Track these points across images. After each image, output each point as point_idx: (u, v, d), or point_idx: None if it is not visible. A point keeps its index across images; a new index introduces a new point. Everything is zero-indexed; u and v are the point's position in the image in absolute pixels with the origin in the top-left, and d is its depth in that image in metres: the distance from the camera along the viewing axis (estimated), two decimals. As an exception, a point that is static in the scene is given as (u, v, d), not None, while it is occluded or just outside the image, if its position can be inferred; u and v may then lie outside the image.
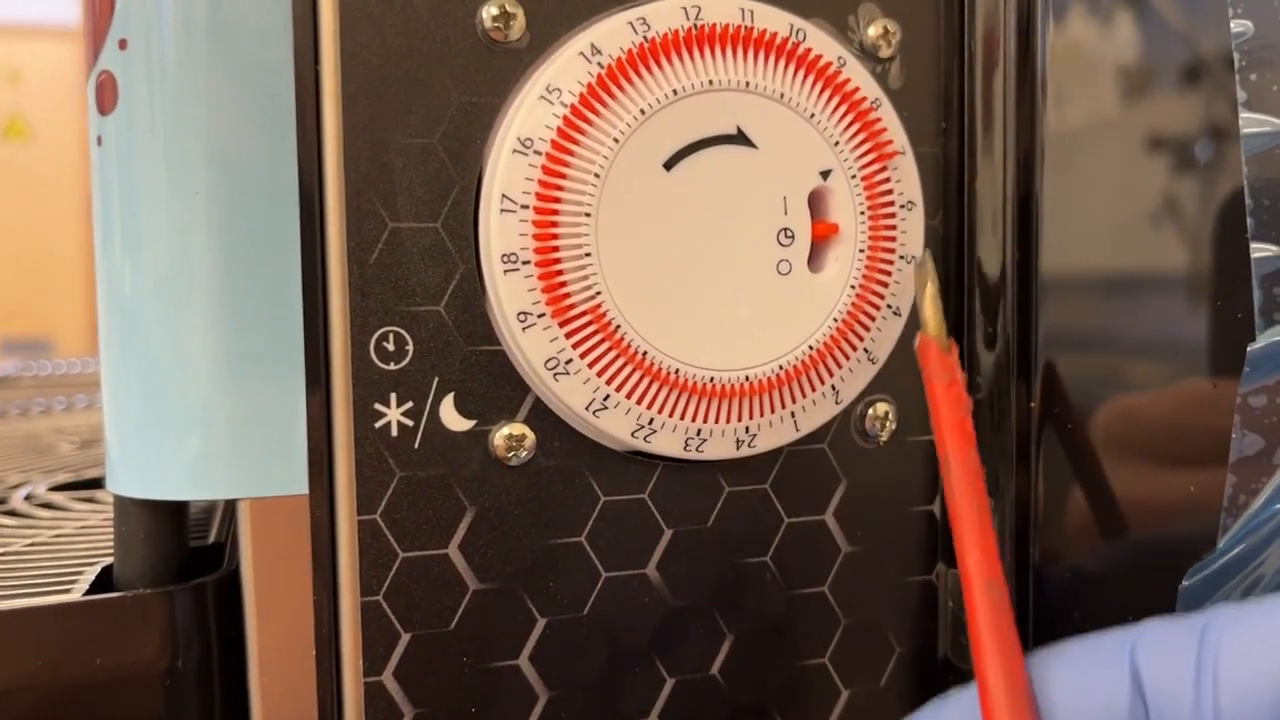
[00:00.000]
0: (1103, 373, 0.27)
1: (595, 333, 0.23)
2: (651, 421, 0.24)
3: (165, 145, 0.23)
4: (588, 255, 0.23)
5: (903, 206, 0.25)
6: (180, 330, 0.24)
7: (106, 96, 0.24)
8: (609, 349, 0.23)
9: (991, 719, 0.20)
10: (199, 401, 0.24)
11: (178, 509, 0.26)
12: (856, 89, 0.24)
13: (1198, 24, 0.26)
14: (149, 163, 0.24)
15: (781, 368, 0.24)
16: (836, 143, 0.24)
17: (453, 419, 0.24)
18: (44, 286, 2.38)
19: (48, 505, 0.35)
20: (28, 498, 0.36)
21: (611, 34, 0.23)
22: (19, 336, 2.34)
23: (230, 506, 0.30)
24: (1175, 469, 0.27)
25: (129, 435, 0.25)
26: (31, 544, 0.30)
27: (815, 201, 0.24)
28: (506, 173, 0.23)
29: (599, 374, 0.23)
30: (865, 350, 0.25)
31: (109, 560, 0.27)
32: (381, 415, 0.23)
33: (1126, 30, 0.26)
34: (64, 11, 2.38)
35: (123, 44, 0.23)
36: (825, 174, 0.24)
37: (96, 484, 0.39)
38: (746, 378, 0.24)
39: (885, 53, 0.26)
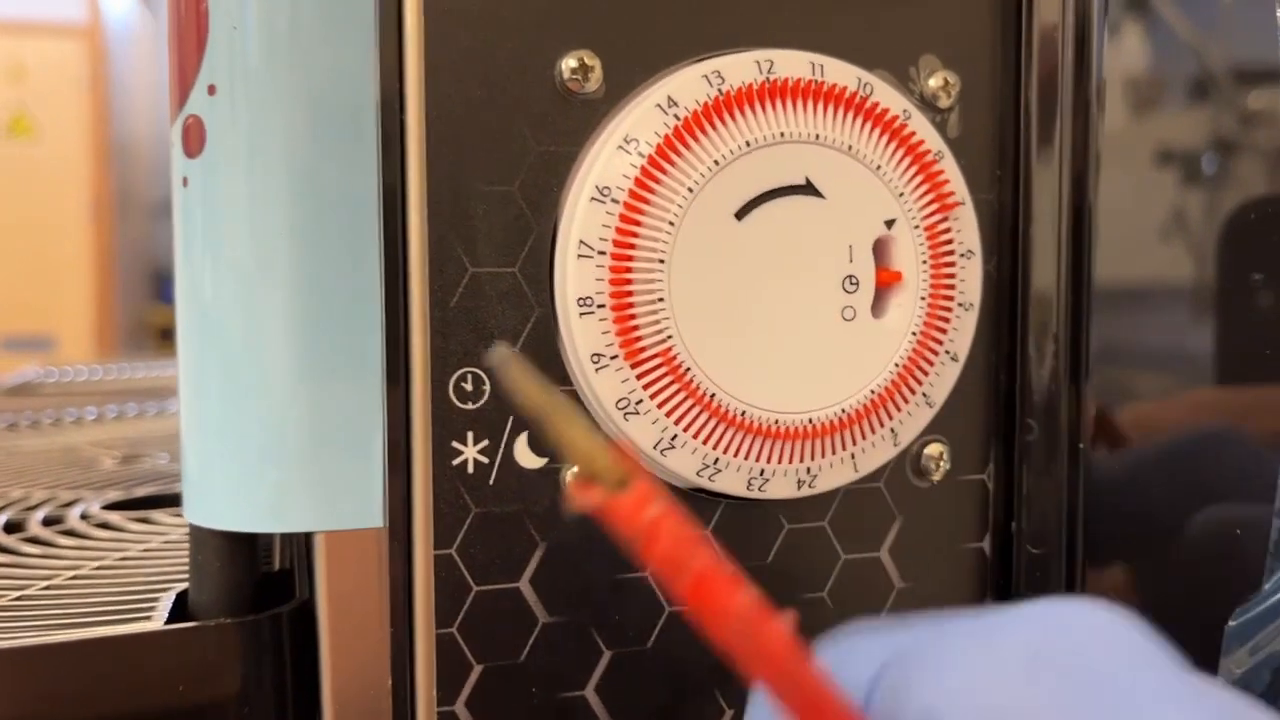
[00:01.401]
0: (1154, 393, 0.27)
1: (665, 374, 0.24)
2: (717, 461, 0.25)
3: (250, 188, 0.24)
4: (660, 300, 0.24)
5: (963, 255, 0.26)
6: (262, 368, 0.25)
7: (193, 140, 0.24)
8: (678, 390, 0.24)
9: None
10: (278, 435, 0.25)
11: (251, 538, 0.26)
12: (921, 141, 0.25)
13: (1250, 59, 0.26)
14: (234, 205, 0.24)
15: (844, 411, 0.25)
16: (901, 193, 0.25)
17: (526, 457, 0.24)
18: (47, 284, 2.38)
19: (104, 525, 0.36)
20: (84, 517, 0.37)
21: (687, 86, 0.24)
22: (21, 334, 2.34)
23: (292, 534, 0.31)
24: (1223, 496, 0.27)
25: (209, 466, 0.25)
26: (100, 567, 0.31)
27: (879, 250, 0.25)
28: (584, 220, 0.23)
29: (668, 414, 0.24)
30: (924, 394, 0.26)
31: (180, 585, 0.28)
32: (459, 453, 0.24)
33: (1185, 68, 0.27)
34: (70, 9, 2.38)
35: (211, 89, 0.24)
36: (889, 223, 0.25)
37: (149, 503, 0.39)
38: (810, 420, 0.25)
39: (944, 103, 0.27)
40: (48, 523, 0.36)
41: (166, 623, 0.25)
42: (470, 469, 0.24)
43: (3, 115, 2.36)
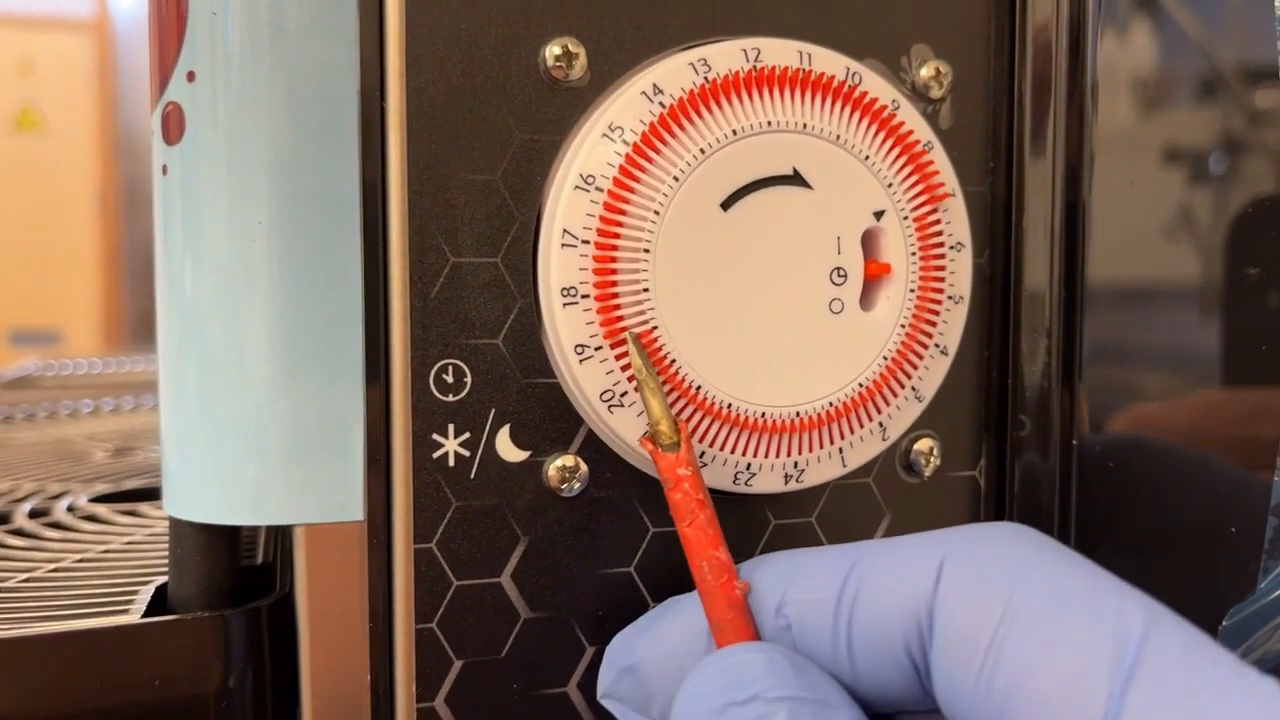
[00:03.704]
0: (1143, 391, 0.27)
1: (650, 367, 0.24)
2: (702, 455, 0.24)
3: (229, 176, 0.24)
4: (645, 290, 0.23)
5: (952, 248, 0.25)
6: (240, 357, 0.24)
7: (173, 127, 0.24)
8: (663, 383, 0.24)
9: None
10: (257, 427, 0.24)
11: (232, 531, 0.26)
12: (910, 132, 0.25)
13: (1258, 57, 0.26)
14: (213, 193, 0.24)
15: (831, 404, 0.25)
16: (890, 184, 0.25)
17: (508, 450, 0.24)
18: (54, 277, 2.39)
19: (91, 518, 0.36)
20: (70, 509, 0.37)
21: (673, 74, 0.23)
22: (29, 327, 2.34)
23: (276, 528, 0.30)
24: (1217, 498, 0.27)
25: (188, 459, 0.25)
26: (81, 559, 0.30)
27: (868, 241, 0.25)
28: (568, 209, 0.23)
29: (652, 408, 0.24)
30: (913, 388, 0.25)
31: (160, 578, 0.28)
32: (439, 445, 0.24)
33: (1182, 62, 0.27)
34: (78, 3, 2.38)
35: (190, 76, 0.24)
36: (878, 214, 0.25)
37: (136, 495, 0.39)
38: (797, 414, 0.24)
39: (936, 94, 0.26)
40: (34, 515, 0.36)
41: (144, 616, 0.25)
42: (451, 462, 0.24)
43: (11, 109, 2.36)
